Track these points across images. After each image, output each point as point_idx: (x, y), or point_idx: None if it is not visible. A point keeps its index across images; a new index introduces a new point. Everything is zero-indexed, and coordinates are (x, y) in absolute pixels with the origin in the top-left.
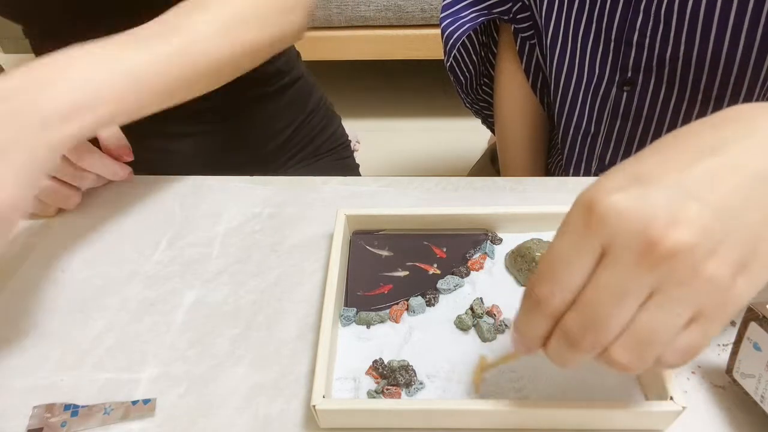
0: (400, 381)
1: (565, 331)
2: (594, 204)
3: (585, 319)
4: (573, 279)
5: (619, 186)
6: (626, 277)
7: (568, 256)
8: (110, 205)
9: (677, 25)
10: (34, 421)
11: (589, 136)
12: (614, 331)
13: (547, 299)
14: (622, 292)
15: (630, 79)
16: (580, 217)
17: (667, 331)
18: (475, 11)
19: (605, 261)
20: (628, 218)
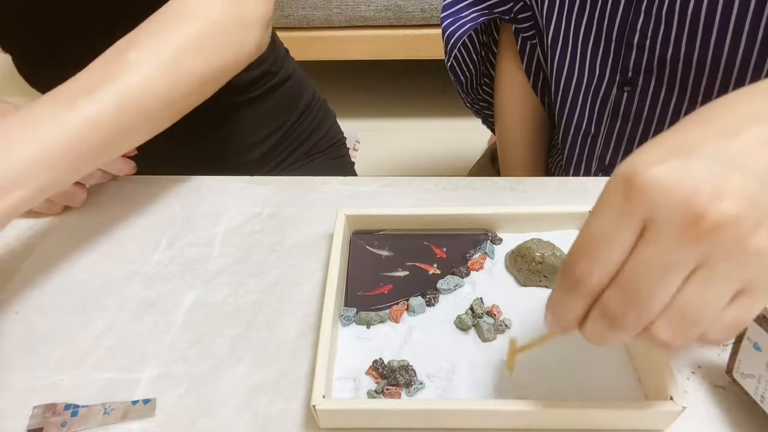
0: (400, 381)
1: (605, 309)
2: (634, 177)
3: (627, 297)
4: (613, 256)
5: (659, 158)
6: (670, 251)
7: (607, 233)
8: (110, 205)
9: (678, 26)
10: (34, 421)
11: (590, 136)
12: (658, 307)
13: (585, 278)
14: (665, 266)
15: (630, 80)
16: (619, 192)
17: (713, 306)
18: (476, 11)
19: (647, 236)
20: (669, 191)
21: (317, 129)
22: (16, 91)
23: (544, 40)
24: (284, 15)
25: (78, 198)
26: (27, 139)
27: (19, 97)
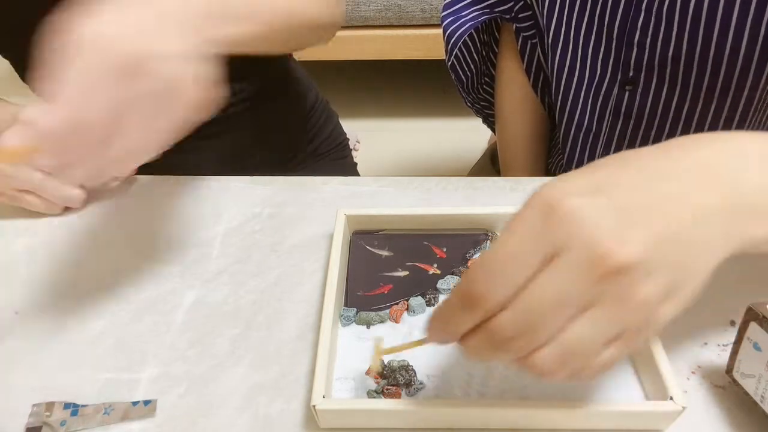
0: (400, 381)
1: (495, 330)
2: (554, 203)
3: (520, 322)
4: (516, 277)
5: (579, 191)
6: (570, 284)
7: (517, 252)
8: (110, 205)
9: (679, 24)
10: (33, 419)
11: (591, 135)
12: (545, 337)
13: (485, 297)
14: (562, 298)
15: (632, 78)
16: (537, 214)
17: (593, 347)
18: (477, 10)
19: (554, 264)
20: (586, 226)
21: (321, 131)
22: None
23: (545, 39)
24: None
25: (77, 200)
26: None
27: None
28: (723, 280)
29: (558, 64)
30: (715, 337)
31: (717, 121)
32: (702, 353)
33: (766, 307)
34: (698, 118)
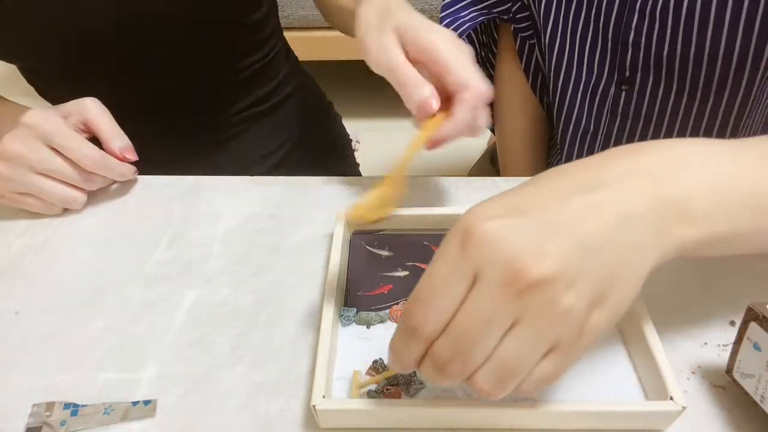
0: (400, 381)
1: (434, 356)
2: (470, 229)
3: (453, 347)
4: (446, 305)
5: (495, 214)
6: (492, 304)
7: (443, 281)
8: (110, 205)
9: (673, 24)
10: (33, 419)
11: (588, 134)
12: (479, 359)
13: (421, 326)
14: (487, 319)
15: (628, 78)
16: (456, 242)
17: (526, 362)
18: (475, 11)
19: (475, 288)
20: (499, 246)
21: (325, 134)
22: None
23: (542, 39)
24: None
25: (77, 202)
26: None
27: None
28: (723, 280)
29: (555, 64)
30: (715, 337)
31: (714, 120)
32: (702, 353)
33: (766, 307)
34: (695, 117)
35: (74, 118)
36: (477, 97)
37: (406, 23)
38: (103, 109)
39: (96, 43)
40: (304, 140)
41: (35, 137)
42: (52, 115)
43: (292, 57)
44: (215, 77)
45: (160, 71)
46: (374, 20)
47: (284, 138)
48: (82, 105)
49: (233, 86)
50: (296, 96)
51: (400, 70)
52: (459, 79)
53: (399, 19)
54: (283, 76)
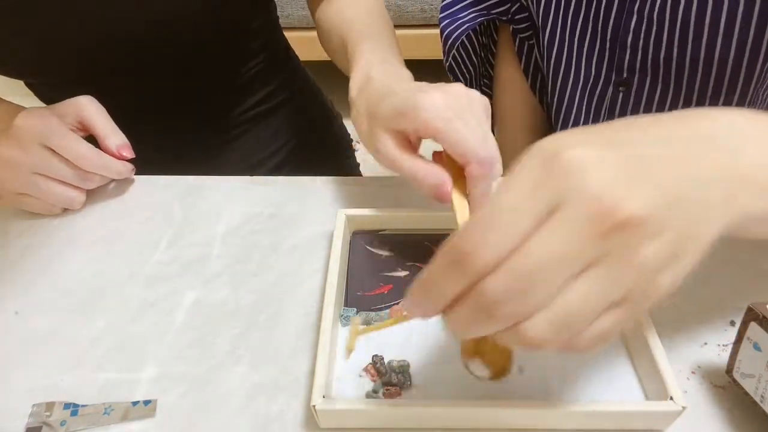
0: (393, 381)
1: (483, 295)
2: (557, 153)
3: (512, 284)
4: (513, 233)
5: (587, 142)
6: (570, 241)
7: (514, 205)
8: (110, 205)
9: (669, 27)
10: (33, 419)
11: None
12: (540, 302)
13: (475, 254)
14: (561, 257)
15: (625, 80)
16: (537, 166)
17: (590, 312)
18: (474, 12)
19: (553, 219)
20: (589, 177)
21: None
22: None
23: (541, 40)
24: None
25: (77, 202)
26: None
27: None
28: (723, 280)
29: (553, 65)
30: (715, 337)
31: None
32: (702, 353)
33: (766, 307)
34: None
35: (70, 117)
36: (480, 170)
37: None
38: (98, 107)
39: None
40: (305, 141)
41: (31, 138)
42: (48, 115)
43: (293, 57)
44: (217, 81)
45: (161, 77)
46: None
47: (285, 139)
48: (78, 104)
49: (235, 89)
50: (297, 96)
51: (402, 167)
52: (457, 154)
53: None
54: (285, 77)
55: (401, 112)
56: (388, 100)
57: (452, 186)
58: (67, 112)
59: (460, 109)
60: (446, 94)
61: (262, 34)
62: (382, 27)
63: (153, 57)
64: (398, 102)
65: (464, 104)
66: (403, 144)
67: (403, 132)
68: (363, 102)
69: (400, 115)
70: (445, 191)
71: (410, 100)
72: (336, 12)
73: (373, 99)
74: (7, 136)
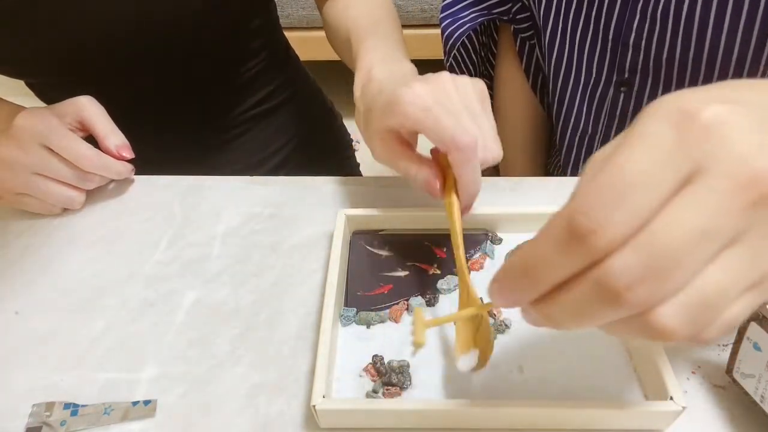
0: (393, 381)
1: (610, 276)
2: (691, 112)
3: (647, 264)
4: (645, 204)
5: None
6: (714, 211)
7: (645, 173)
8: (110, 205)
9: (673, 26)
10: (33, 419)
11: (587, 136)
12: (677, 284)
13: (600, 231)
14: (704, 230)
15: (627, 79)
16: (668, 126)
17: (731, 294)
18: (475, 11)
19: (693, 187)
20: (734, 138)
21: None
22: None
23: (542, 39)
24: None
25: (76, 202)
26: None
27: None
28: None
29: (555, 65)
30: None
31: None
32: (702, 353)
33: (766, 307)
34: None
35: (69, 117)
36: (460, 156)
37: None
38: (98, 107)
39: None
40: (305, 141)
41: (30, 138)
42: (47, 116)
43: (293, 57)
44: (218, 80)
45: (162, 76)
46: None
47: (286, 139)
48: (78, 103)
49: (236, 88)
50: (298, 96)
51: (397, 165)
52: (437, 142)
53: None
54: (285, 77)
55: (387, 110)
56: (378, 98)
57: (444, 181)
58: (66, 112)
59: (445, 98)
60: (428, 83)
61: (263, 33)
62: (386, 23)
63: (153, 57)
64: (385, 100)
65: (449, 91)
66: (397, 141)
67: (394, 129)
68: (362, 104)
69: (387, 113)
70: (433, 187)
71: (393, 94)
72: (342, 9)
73: (368, 99)
74: (7, 136)
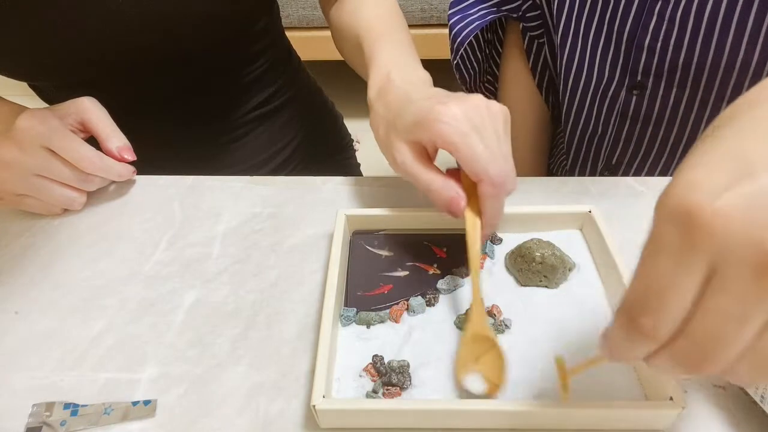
0: (393, 381)
1: (677, 357)
2: (695, 213)
3: (700, 350)
4: (679, 306)
5: (722, 182)
6: (742, 299)
7: (669, 279)
8: (110, 205)
9: (693, 29)
10: (33, 419)
11: (596, 137)
12: (735, 354)
13: (654, 331)
14: (741, 316)
15: (640, 82)
16: (676, 230)
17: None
18: (484, 8)
19: (716, 282)
20: (740, 228)
21: (327, 134)
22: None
23: (553, 39)
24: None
25: (77, 203)
26: None
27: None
28: None
29: (566, 65)
30: None
31: None
32: None
33: None
34: (706, 123)
35: (71, 119)
36: (491, 189)
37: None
38: (100, 109)
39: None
40: (306, 141)
41: (32, 140)
42: (49, 117)
43: (294, 58)
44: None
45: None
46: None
47: (288, 139)
48: (80, 105)
49: (240, 90)
50: (299, 97)
51: (418, 178)
52: (470, 170)
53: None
54: (287, 78)
55: (420, 123)
56: (407, 108)
57: (466, 202)
58: (68, 113)
59: (480, 123)
60: (465, 105)
61: (267, 35)
62: (397, 27)
63: (159, 60)
64: (417, 112)
65: (484, 117)
66: (419, 154)
67: (419, 142)
68: (382, 107)
69: (419, 126)
70: (458, 207)
71: (430, 111)
72: (350, 12)
73: (392, 106)
74: (8, 138)
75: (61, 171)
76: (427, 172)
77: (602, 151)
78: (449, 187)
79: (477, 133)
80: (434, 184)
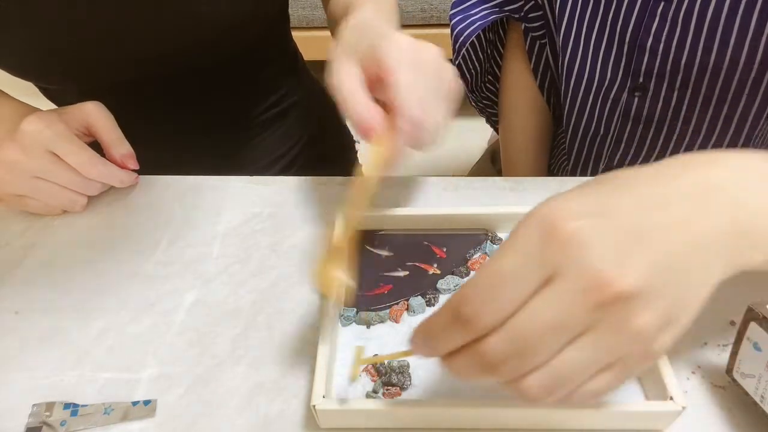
0: (393, 381)
1: (484, 353)
2: (555, 225)
3: (510, 347)
4: (512, 299)
5: (582, 211)
6: (566, 310)
7: (513, 272)
8: (110, 205)
9: (695, 29)
10: (33, 419)
11: (598, 138)
12: (537, 362)
13: (477, 318)
14: (556, 325)
15: (641, 84)
16: (536, 234)
17: (584, 373)
18: (486, 9)
19: (550, 288)
20: (586, 251)
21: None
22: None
23: (556, 40)
24: None
25: (78, 205)
26: None
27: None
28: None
29: (567, 66)
30: (715, 337)
31: (727, 128)
32: (702, 353)
33: (766, 307)
34: (708, 125)
35: (76, 123)
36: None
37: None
38: (105, 114)
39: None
40: (312, 142)
41: (35, 143)
42: (55, 120)
43: (300, 60)
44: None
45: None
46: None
47: (294, 140)
48: (85, 109)
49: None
50: (306, 98)
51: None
52: (394, 100)
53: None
54: (294, 80)
55: (373, 45)
56: (369, 34)
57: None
58: (74, 117)
59: (422, 65)
60: (418, 44)
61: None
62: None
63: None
64: (376, 37)
65: (428, 62)
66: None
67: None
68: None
69: (371, 48)
70: (370, 130)
71: (384, 34)
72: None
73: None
74: (12, 140)
75: (63, 175)
76: (356, 89)
77: (603, 151)
78: (371, 110)
79: (414, 71)
80: (359, 102)
